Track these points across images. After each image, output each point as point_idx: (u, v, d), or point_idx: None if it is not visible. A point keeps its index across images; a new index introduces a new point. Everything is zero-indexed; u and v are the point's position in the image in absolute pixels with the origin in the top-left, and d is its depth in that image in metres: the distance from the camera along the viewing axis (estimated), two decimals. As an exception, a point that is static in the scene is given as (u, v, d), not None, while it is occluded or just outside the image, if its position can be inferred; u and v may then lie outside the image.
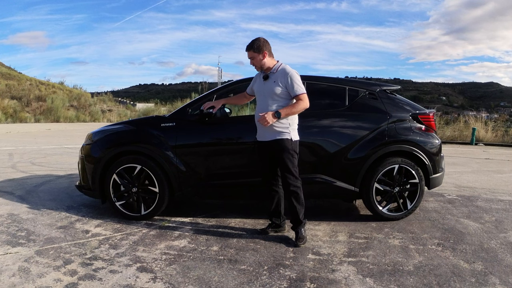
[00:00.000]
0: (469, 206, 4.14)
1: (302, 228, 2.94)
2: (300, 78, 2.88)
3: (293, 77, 2.82)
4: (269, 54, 2.92)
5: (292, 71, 2.86)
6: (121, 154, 3.44)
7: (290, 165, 2.87)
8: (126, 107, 32.79)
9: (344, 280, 2.29)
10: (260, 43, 2.89)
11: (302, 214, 2.94)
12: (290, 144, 2.86)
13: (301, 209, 2.93)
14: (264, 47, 2.89)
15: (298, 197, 2.92)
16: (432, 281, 2.28)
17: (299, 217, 2.92)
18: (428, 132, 3.55)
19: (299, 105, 2.82)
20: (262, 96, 2.96)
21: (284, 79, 2.84)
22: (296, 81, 2.83)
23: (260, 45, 2.89)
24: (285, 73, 2.85)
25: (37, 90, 27.02)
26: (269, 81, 2.91)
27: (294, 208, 2.92)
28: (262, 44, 2.89)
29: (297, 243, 2.87)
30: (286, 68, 2.88)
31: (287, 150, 2.86)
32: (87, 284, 2.19)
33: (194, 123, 3.43)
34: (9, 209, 3.71)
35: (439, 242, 2.97)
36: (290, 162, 2.87)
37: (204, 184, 3.41)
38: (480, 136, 13.26)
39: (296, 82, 2.82)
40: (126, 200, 3.45)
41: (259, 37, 2.94)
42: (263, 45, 2.89)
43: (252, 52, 2.90)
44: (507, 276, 2.36)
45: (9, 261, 2.48)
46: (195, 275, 2.33)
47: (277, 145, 2.88)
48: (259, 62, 2.91)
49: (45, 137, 12.46)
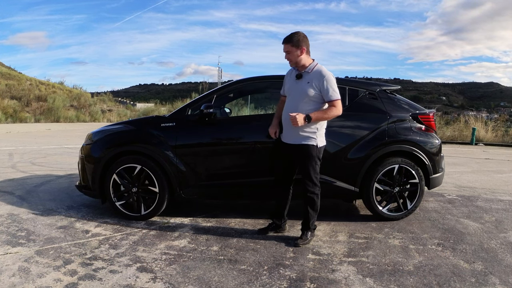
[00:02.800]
0: (469, 206, 4.14)
1: (309, 232, 2.93)
2: (336, 82, 2.75)
3: (329, 81, 2.69)
4: (307, 51, 2.78)
5: (328, 73, 2.73)
6: (121, 154, 3.44)
7: (311, 172, 2.81)
8: (126, 107, 32.79)
9: (344, 280, 2.29)
10: (299, 37, 2.74)
11: (313, 221, 2.93)
12: (314, 150, 2.78)
13: (314, 216, 2.92)
14: (303, 43, 2.74)
15: (314, 204, 2.88)
16: (432, 281, 2.28)
17: (309, 223, 2.91)
18: (428, 132, 3.55)
19: (331, 112, 2.72)
20: (293, 96, 2.83)
21: (319, 81, 2.70)
22: (332, 85, 2.70)
23: (299, 39, 2.74)
24: (321, 75, 2.71)
25: (37, 90, 27.01)
26: (302, 81, 2.77)
27: (306, 214, 2.91)
28: (302, 39, 2.74)
29: (297, 242, 2.85)
30: (322, 70, 2.74)
31: (311, 157, 2.78)
32: (87, 284, 2.19)
33: (194, 123, 3.43)
34: (9, 209, 3.71)
35: (439, 242, 2.97)
36: (312, 168, 2.80)
37: (204, 184, 3.41)
38: (480, 136, 13.25)
39: (332, 87, 2.70)
40: (126, 200, 3.45)
41: (299, 31, 2.79)
42: (302, 40, 2.74)
43: (290, 46, 2.74)
44: (507, 276, 2.36)
45: (9, 261, 2.48)
46: (195, 275, 2.33)
47: (301, 151, 2.78)
48: (296, 57, 2.76)
49: (45, 137, 12.46)
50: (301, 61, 2.78)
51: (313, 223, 2.93)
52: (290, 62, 2.84)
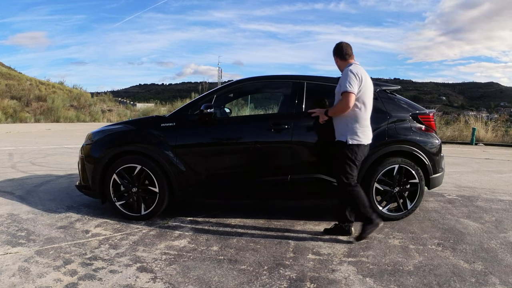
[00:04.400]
0: (469, 206, 4.14)
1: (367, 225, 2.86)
2: (354, 78, 2.84)
3: (346, 76, 2.86)
4: (341, 58, 3.04)
5: (350, 70, 2.88)
6: (121, 154, 3.44)
7: (339, 169, 2.88)
8: (126, 107, 32.81)
9: (344, 280, 2.29)
10: (335, 47, 3.07)
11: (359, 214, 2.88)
12: (343, 147, 2.86)
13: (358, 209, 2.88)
14: (334, 52, 3.07)
15: (348, 200, 2.94)
16: (432, 281, 2.28)
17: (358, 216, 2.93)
18: (428, 132, 3.55)
19: (341, 104, 2.86)
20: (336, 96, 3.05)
21: (341, 78, 2.92)
22: (345, 78, 2.85)
23: (334, 48, 3.08)
24: (344, 73, 2.92)
25: (37, 90, 27.03)
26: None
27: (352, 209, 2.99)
28: (334, 48, 3.07)
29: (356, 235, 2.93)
30: (348, 68, 2.92)
31: (340, 154, 2.89)
32: (87, 284, 2.19)
33: (194, 123, 3.43)
34: (9, 209, 3.71)
35: (439, 242, 2.97)
36: (340, 165, 2.88)
37: (204, 184, 3.41)
38: (480, 136, 13.25)
39: (345, 80, 2.84)
40: (126, 200, 3.46)
41: (340, 41, 3.08)
42: (334, 50, 3.07)
43: (333, 57, 3.11)
44: (507, 276, 2.36)
45: (9, 261, 2.48)
46: (195, 275, 2.33)
47: (335, 147, 2.98)
48: (336, 64, 3.11)
49: (45, 137, 12.46)
50: (340, 67, 3.09)
51: (363, 215, 2.85)
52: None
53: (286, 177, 3.32)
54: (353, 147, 2.85)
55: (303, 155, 3.36)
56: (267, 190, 3.43)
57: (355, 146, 2.85)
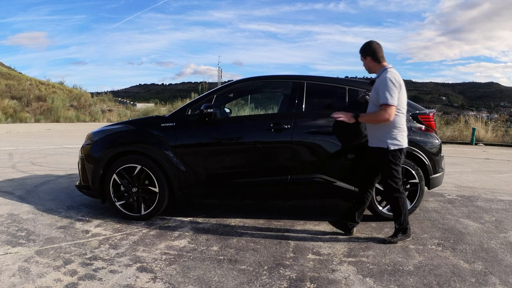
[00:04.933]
0: (469, 206, 4.14)
1: (400, 233, 2.93)
2: (394, 89, 2.73)
3: (386, 85, 2.73)
4: (374, 59, 2.89)
5: (389, 78, 2.74)
6: (121, 154, 3.44)
7: (386, 175, 2.88)
8: (126, 107, 32.80)
9: (344, 280, 2.29)
10: (365, 46, 2.92)
11: (401, 221, 2.92)
12: (385, 153, 2.83)
13: (399, 217, 2.92)
14: (367, 52, 2.90)
15: (394, 206, 2.94)
16: (432, 281, 2.28)
17: (396, 222, 2.95)
18: (428, 132, 3.55)
19: (379, 115, 2.75)
20: (369, 101, 2.98)
21: (379, 85, 2.79)
22: (385, 89, 2.73)
23: (365, 49, 2.92)
24: (382, 79, 2.78)
25: (37, 90, 27.03)
26: (373, 87, 2.92)
27: (393, 213, 2.99)
28: (367, 48, 2.91)
29: (384, 238, 2.97)
30: (386, 75, 2.77)
31: (383, 160, 2.86)
32: (87, 284, 2.19)
33: (194, 123, 3.43)
34: (9, 209, 3.71)
35: (439, 242, 2.97)
36: (386, 171, 2.87)
37: (204, 184, 3.41)
38: (480, 136, 13.25)
39: (383, 90, 2.73)
40: (126, 200, 3.46)
41: (370, 40, 2.93)
42: (367, 49, 2.91)
43: (361, 57, 2.96)
44: (507, 276, 2.36)
45: (9, 261, 2.48)
46: (195, 275, 2.33)
47: (375, 153, 2.92)
48: (366, 66, 2.96)
49: (45, 137, 12.46)
50: (369, 68, 2.96)
51: (401, 223, 2.92)
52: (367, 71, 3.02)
53: (286, 177, 3.32)
54: (395, 152, 2.84)
55: (303, 155, 3.35)
56: (267, 190, 3.43)
57: (397, 151, 2.85)
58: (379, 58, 2.90)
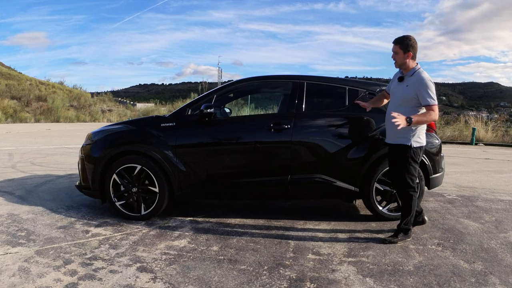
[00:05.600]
0: (469, 206, 4.14)
1: (401, 233, 2.95)
2: (433, 88, 2.78)
3: (426, 86, 2.75)
4: (414, 56, 2.88)
5: (428, 79, 2.78)
6: (121, 154, 3.44)
7: (404, 172, 2.88)
8: (126, 107, 32.81)
9: (344, 280, 2.29)
10: (409, 41, 2.85)
11: (406, 221, 2.95)
12: (408, 150, 2.84)
13: (406, 216, 2.94)
14: (411, 47, 2.85)
15: (406, 204, 2.94)
16: (432, 281, 2.28)
17: (402, 221, 2.96)
18: (428, 132, 3.53)
19: (430, 116, 2.76)
20: (395, 97, 2.97)
21: (418, 86, 2.78)
22: (429, 90, 2.75)
23: (408, 44, 2.84)
24: (420, 80, 2.78)
25: (37, 90, 27.03)
26: (403, 84, 2.88)
27: (402, 211, 2.99)
28: (411, 43, 2.85)
29: (385, 238, 2.97)
30: (423, 75, 2.79)
31: (404, 157, 2.86)
32: (87, 284, 2.19)
33: (194, 123, 3.43)
34: (9, 209, 3.71)
35: (439, 242, 2.97)
36: (405, 169, 2.87)
37: (204, 184, 3.41)
38: (480, 136, 13.25)
39: (429, 92, 2.75)
40: (126, 200, 3.46)
41: (410, 36, 2.88)
42: (411, 45, 2.85)
43: (398, 48, 2.87)
44: (507, 276, 2.36)
45: (9, 261, 2.48)
46: (195, 275, 2.33)
47: (396, 150, 2.92)
48: (401, 59, 2.88)
49: (45, 137, 12.46)
50: (405, 64, 2.89)
51: (406, 223, 2.95)
52: (395, 63, 2.94)
53: (286, 177, 3.33)
54: (417, 150, 2.86)
55: (303, 155, 3.35)
56: (267, 190, 3.43)
57: (419, 148, 2.87)
58: (416, 55, 2.90)
